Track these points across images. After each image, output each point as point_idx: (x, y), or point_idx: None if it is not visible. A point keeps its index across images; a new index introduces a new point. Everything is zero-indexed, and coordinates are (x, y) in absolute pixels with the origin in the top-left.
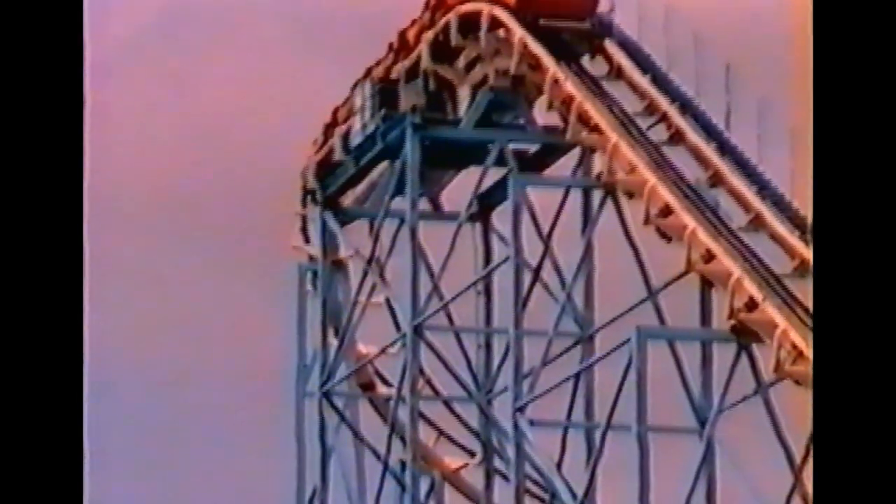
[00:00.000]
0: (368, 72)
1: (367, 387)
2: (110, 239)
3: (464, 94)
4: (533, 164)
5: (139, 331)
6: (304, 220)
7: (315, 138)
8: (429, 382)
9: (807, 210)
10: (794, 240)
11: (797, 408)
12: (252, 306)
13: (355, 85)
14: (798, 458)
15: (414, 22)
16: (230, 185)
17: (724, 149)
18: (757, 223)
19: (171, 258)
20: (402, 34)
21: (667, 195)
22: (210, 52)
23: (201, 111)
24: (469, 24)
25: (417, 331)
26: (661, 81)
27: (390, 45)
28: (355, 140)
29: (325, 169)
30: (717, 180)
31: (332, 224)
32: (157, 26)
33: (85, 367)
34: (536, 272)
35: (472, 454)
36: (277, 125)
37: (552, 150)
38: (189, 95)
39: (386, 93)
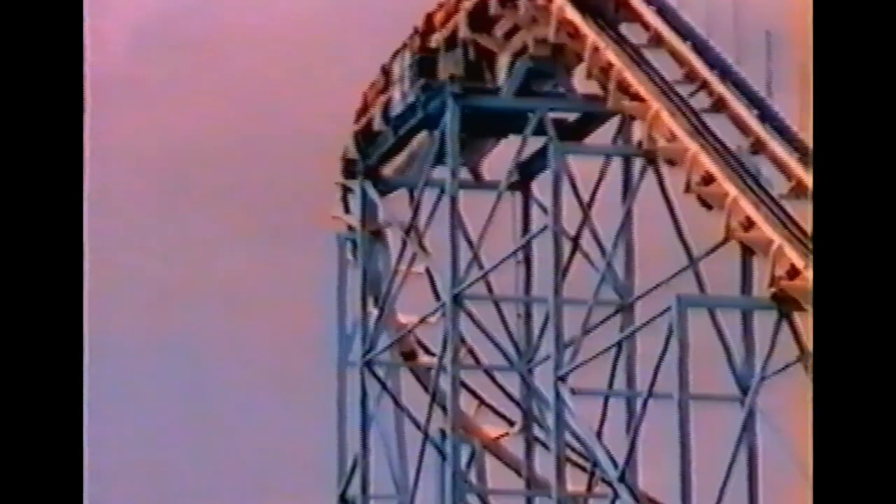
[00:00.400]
0: (415, 31)
1: (409, 356)
2: (150, 208)
3: (503, 63)
4: (573, 133)
5: (179, 300)
6: (345, 189)
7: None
8: (470, 351)
9: None
10: None
11: None
12: (292, 276)
13: (394, 55)
14: None
15: (441, 5)
16: (269, 155)
17: (766, 116)
18: (798, 190)
19: (211, 228)
20: (429, 17)
21: (708, 163)
22: (246, 21)
23: (240, 80)
24: None
25: (457, 300)
26: (701, 48)
27: (415, 29)
28: (395, 110)
29: (365, 138)
30: (758, 147)
31: (372, 194)
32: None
33: (96, 343)
34: (576, 241)
35: (511, 423)
36: (318, 94)
37: (592, 118)
38: (226, 63)
39: (425, 62)
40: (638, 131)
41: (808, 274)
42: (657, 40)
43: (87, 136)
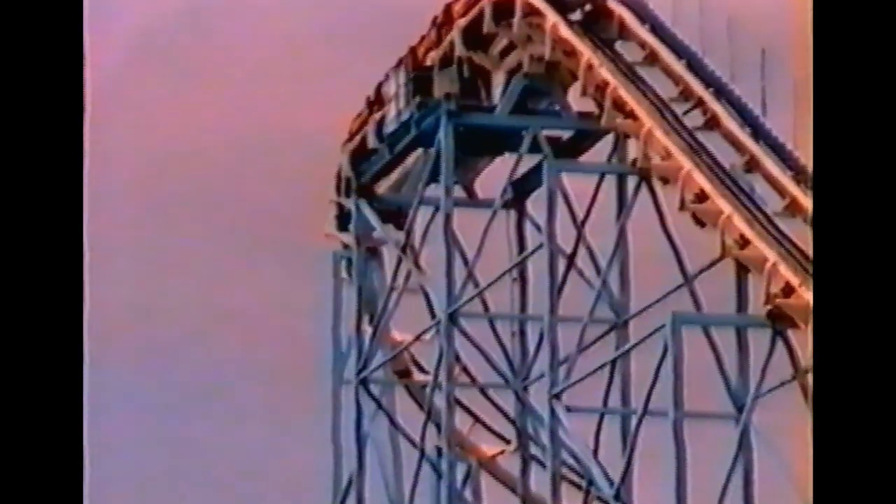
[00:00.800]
0: (400, 61)
1: (404, 374)
2: (144, 225)
3: (498, 80)
4: (567, 151)
5: (172, 319)
6: (340, 207)
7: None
8: (465, 369)
9: None
10: None
11: None
12: (287, 294)
13: (384, 80)
14: None
15: (423, 39)
16: (264, 173)
17: (760, 133)
18: (793, 208)
19: (205, 246)
20: (413, 50)
21: (702, 181)
22: (242, 38)
23: (234, 97)
24: (502, 11)
25: (452, 318)
26: (695, 66)
27: (400, 60)
28: (389, 128)
29: (360, 157)
30: (752, 165)
31: (367, 212)
32: (185, 16)
33: (88, 359)
34: (571, 259)
35: (507, 441)
36: (313, 112)
37: (586, 136)
38: (221, 80)
39: (420, 80)
40: (632, 149)
41: (803, 291)
42: (652, 58)
43: (86, 150)
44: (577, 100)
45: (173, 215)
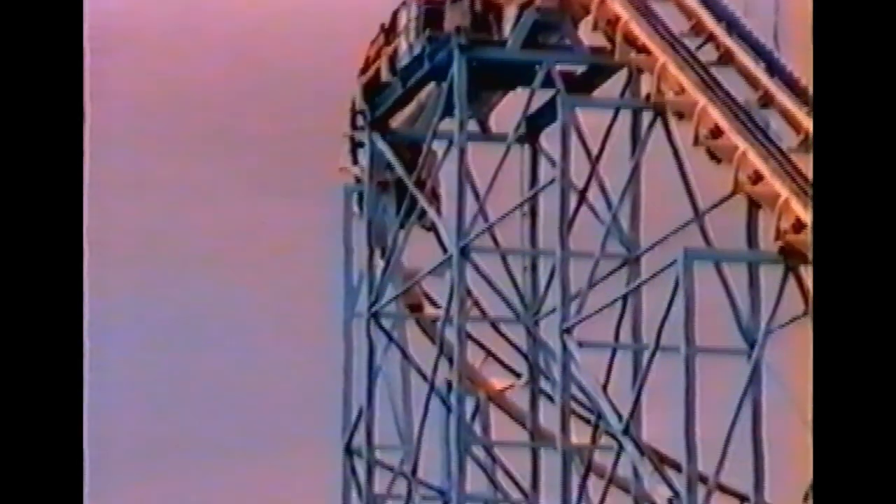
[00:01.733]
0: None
1: (415, 308)
2: (155, 159)
3: (509, 14)
4: (580, 86)
5: (184, 251)
6: (353, 141)
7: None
8: (476, 304)
9: None
10: None
11: None
12: (299, 227)
13: (401, 5)
14: None
15: (372, 43)
16: (277, 106)
17: (774, 69)
18: (807, 143)
19: (217, 179)
20: (365, 62)
21: (717, 116)
22: None
23: (248, 31)
24: None
25: (464, 252)
26: (708, 1)
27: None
28: (402, 61)
29: (373, 90)
30: (766, 100)
31: (381, 145)
32: None
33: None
34: (583, 194)
35: (518, 375)
36: (328, 44)
37: (599, 71)
38: (235, 13)
39: (431, 14)
40: (646, 84)
41: None
42: None
43: (87, 90)
44: (588, 34)
45: (184, 150)
